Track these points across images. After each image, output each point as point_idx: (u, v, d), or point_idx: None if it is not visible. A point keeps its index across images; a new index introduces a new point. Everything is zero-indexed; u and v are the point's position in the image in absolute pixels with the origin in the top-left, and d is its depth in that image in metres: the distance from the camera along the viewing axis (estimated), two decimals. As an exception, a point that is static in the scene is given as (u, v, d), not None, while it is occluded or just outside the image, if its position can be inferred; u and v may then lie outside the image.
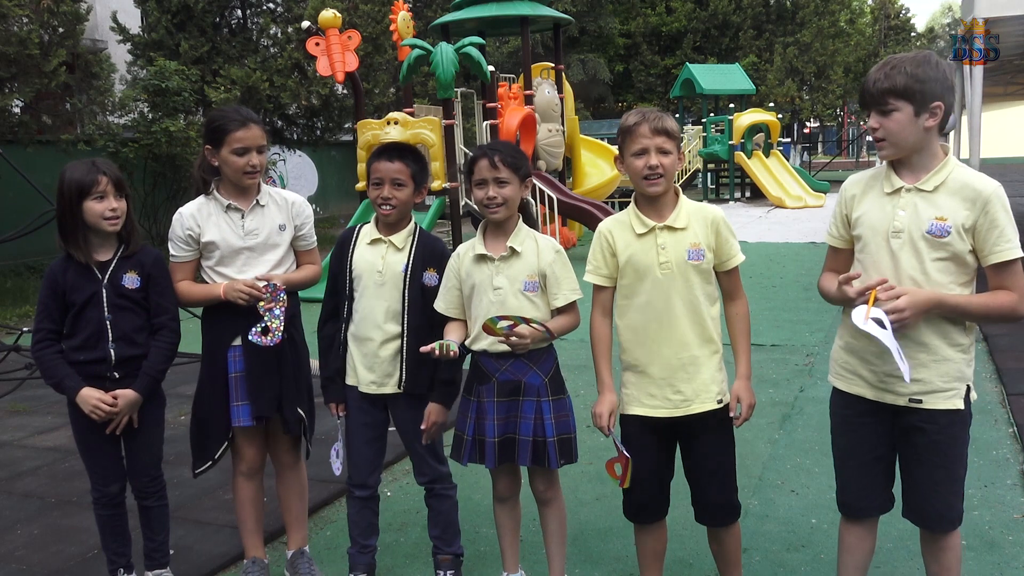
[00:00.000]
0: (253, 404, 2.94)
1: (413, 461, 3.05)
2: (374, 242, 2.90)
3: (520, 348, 2.65)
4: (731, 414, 2.56)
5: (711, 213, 2.59)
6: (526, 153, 2.84)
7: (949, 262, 2.29)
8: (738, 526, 2.72)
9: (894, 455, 2.50)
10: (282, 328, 2.87)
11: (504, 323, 2.59)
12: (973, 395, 2.39)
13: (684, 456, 2.67)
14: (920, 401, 2.34)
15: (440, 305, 2.83)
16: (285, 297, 2.88)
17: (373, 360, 2.88)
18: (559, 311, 2.75)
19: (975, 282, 2.35)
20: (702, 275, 2.55)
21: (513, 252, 2.72)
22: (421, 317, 2.86)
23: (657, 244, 2.54)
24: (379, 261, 2.87)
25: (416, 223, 2.97)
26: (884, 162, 2.42)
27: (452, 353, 2.63)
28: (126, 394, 2.78)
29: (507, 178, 2.68)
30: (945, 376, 2.33)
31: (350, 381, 2.94)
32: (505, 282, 2.70)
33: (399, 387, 2.88)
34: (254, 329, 2.86)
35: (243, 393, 2.95)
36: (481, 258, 2.74)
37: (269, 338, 2.86)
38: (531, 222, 2.82)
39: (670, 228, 2.54)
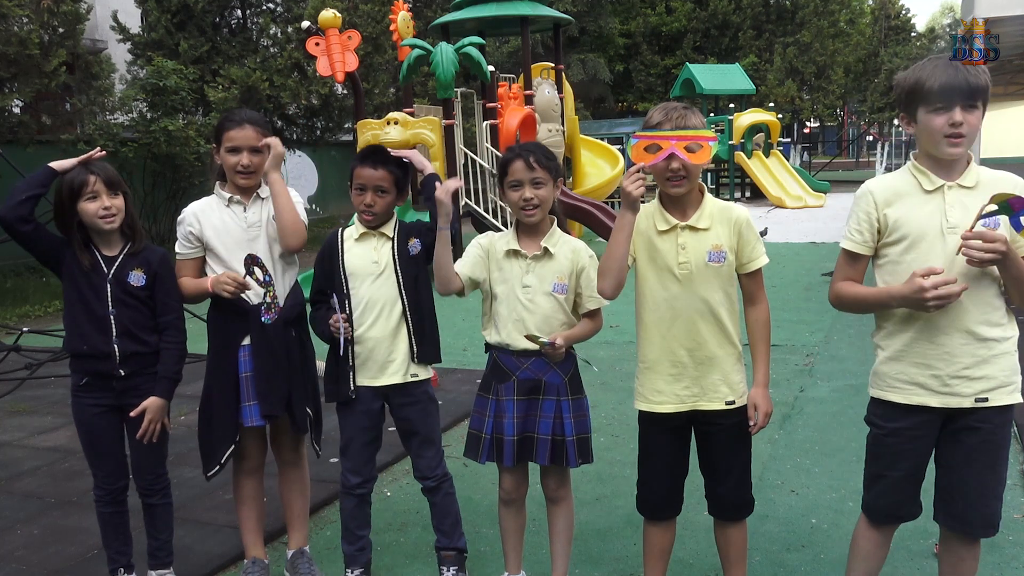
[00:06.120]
0: (262, 403, 2.95)
1: (414, 461, 3.03)
2: (362, 237, 2.93)
3: (557, 358, 2.70)
4: (750, 422, 2.54)
5: (735, 213, 2.53)
6: None
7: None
8: (746, 522, 2.72)
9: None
10: (277, 296, 2.96)
11: (545, 339, 2.62)
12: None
13: (699, 451, 2.66)
14: (986, 400, 2.28)
15: (457, 264, 2.79)
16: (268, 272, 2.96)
17: (369, 356, 2.89)
18: (586, 315, 2.75)
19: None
20: (722, 277, 2.51)
21: (546, 252, 2.71)
22: (415, 290, 2.91)
23: (677, 243, 2.50)
24: (372, 253, 2.90)
25: (397, 217, 2.99)
26: (912, 162, 2.36)
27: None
28: (153, 402, 2.83)
29: (543, 179, 2.67)
30: (1006, 370, 2.30)
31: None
32: (535, 281, 2.71)
33: (404, 370, 2.90)
34: (262, 310, 2.93)
35: (253, 393, 2.96)
36: (514, 253, 2.74)
37: (272, 312, 2.95)
38: (560, 223, 2.80)
39: (692, 228, 2.50)
